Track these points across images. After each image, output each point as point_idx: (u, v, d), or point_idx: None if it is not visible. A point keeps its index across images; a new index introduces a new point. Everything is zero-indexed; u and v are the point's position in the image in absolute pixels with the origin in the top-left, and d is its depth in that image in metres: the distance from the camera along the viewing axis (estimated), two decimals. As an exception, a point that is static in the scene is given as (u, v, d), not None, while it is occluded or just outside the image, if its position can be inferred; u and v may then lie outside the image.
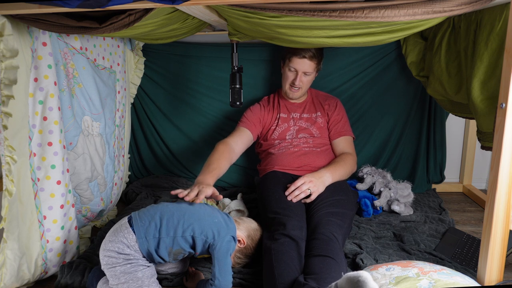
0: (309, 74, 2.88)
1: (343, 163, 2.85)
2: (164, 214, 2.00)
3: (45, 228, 2.19)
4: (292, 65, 2.86)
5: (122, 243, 1.91)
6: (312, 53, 2.80)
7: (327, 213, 2.37)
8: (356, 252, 2.34)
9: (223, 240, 2.00)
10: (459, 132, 3.63)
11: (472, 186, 3.62)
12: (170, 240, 1.95)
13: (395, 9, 1.73)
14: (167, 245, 1.95)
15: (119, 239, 1.92)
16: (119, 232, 1.95)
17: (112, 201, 2.93)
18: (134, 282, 1.89)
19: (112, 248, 1.91)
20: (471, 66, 2.23)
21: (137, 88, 3.51)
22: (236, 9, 1.96)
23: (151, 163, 3.81)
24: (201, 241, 1.98)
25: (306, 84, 2.95)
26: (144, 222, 1.96)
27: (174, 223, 1.97)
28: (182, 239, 1.96)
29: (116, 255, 1.90)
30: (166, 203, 2.11)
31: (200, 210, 2.08)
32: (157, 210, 2.03)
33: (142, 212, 2.04)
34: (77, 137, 2.44)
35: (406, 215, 2.93)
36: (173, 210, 2.03)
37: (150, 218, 1.98)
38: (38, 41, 2.08)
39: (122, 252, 1.90)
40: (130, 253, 1.91)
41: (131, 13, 1.91)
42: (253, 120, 3.06)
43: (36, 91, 2.09)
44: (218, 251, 1.97)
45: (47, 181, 2.17)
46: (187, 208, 2.07)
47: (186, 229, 1.97)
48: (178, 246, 1.97)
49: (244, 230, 2.25)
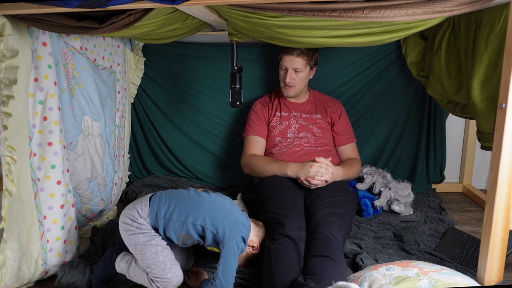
0: (299, 70, 2.89)
1: (353, 168, 2.93)
2: (180, 199, 2.04)
3: (45, 228, 2.19)
4: (282, 63, 2.91)
5: (137, 212, 1.99)
6: (300, 50, 2.82)
7: (327, 213, 2.36)
8: (356, 252, 2.34)
9: (232, 239, 1.99)
10: (459, 132, 3.63)
11: (472, 186, 3.62)
12: (180, 224, 1.98)
13: (395, 9, 1.74)
14: (177, 229, 1.98)
15: (135, 208, 2.01)
16: (138, 202, 2.04)
17: (112, 201, 2.93)
18: (149, 249, 1.95)
19: (128, 215, 2.00)
20: (471, 66, 2.23)
21: (137, 88, 3.51)
22: (236, 9, 1.96)
23: (151, 163, 3.81)
24: (210, 233, 1.98)
25: (299, 81, 2.95)
26: (161, 201, 2.02)
27: (187, 209, 2.00)
28: (192, 226, 1.98)
29: (130, 222, 1.98)
30: (190, 190, 2.14)
31: (218, 204, 2.08)
32: (177, 194, 2.08)
33: (165, 192, 2.10)
34: (77, 137, 2.44)
35: (406, 215, 2.93)
36: (191, 197, 2.06)
37: (167, 199, 2.03)
38: (38, 41, 2.08)
39: (135, 220, 1.98)
40: (143, 223, 1.97)
41: (131, 13, 1.91)
42: (259, 124, 3.10)
43: (36, 91, 2.09)
44: (226, 250, 1.97)
45: (47, 181, 2.17)
46: (205, 199, 2.08)
47: (197, 218, 1.99)
48: (187, 231, 1.99)
49: (260, 235, 2.26)
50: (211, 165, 3.72)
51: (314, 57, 2.93)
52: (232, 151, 3.64)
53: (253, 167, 2.91)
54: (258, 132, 3.07)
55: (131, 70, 3.31)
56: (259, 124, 3.10)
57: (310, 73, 2.99)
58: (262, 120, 3.11)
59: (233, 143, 3.63)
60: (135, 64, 3.37)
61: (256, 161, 2.92)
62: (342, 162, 3.01)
